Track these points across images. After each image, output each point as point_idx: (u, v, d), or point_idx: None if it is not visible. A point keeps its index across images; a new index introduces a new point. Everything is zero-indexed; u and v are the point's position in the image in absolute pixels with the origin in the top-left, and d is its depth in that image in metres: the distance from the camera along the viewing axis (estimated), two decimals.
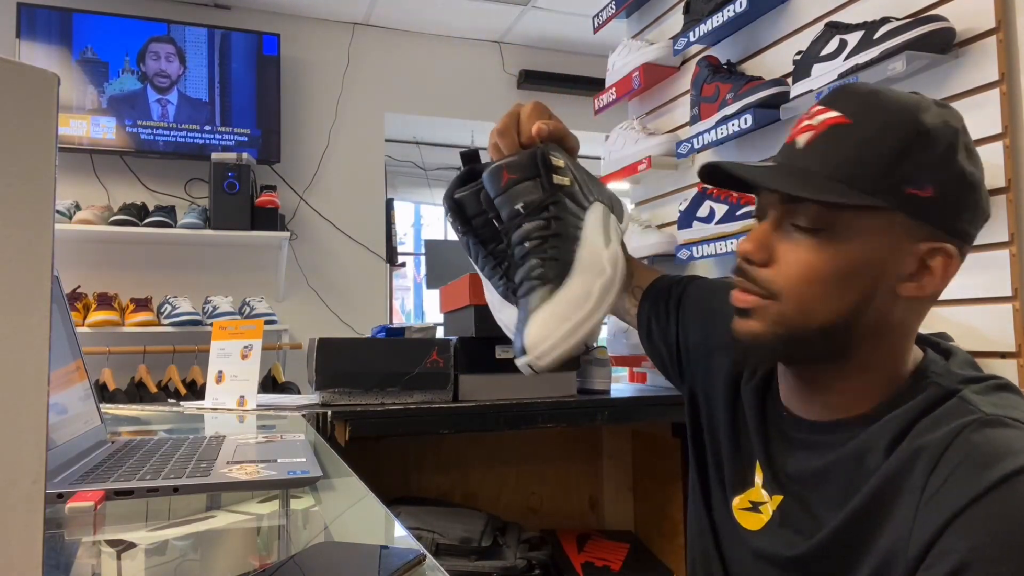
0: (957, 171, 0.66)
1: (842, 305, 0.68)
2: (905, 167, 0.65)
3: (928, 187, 0.65)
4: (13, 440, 0.32)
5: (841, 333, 0.68)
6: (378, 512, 0.70)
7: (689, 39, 1.86)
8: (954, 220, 0.67)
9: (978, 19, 1.25)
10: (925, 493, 0.60)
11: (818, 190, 0.66)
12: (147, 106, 3.43)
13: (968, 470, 0.58)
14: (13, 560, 0.32)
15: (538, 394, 1.55)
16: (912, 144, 0.65)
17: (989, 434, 0.60)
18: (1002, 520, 0.55)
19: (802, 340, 0.69)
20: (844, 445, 0.69)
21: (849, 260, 0.67)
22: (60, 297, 0.94)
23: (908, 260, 0.67)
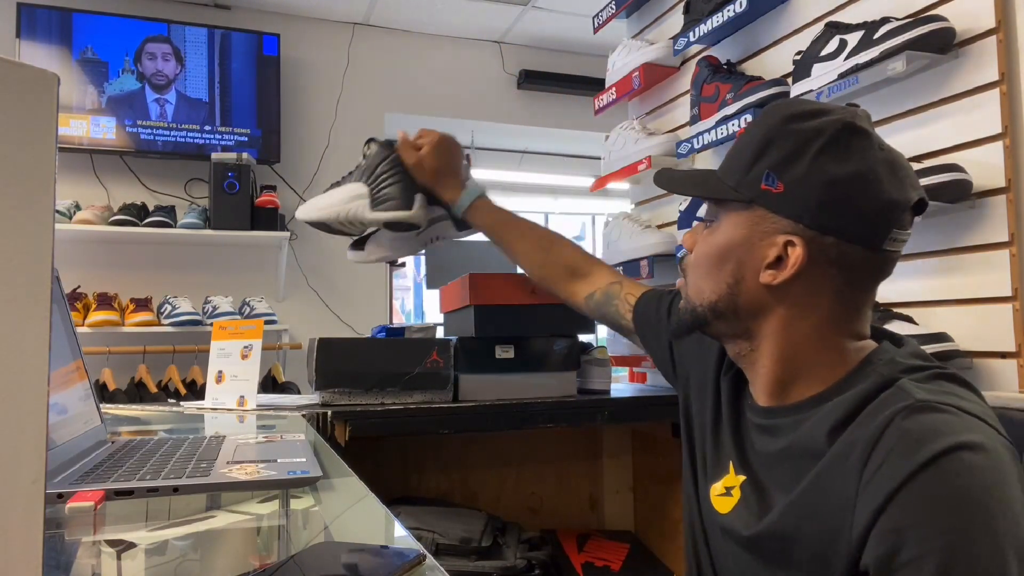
0: (809, 170, 0.73)
1: (718, 287, 0.80)
2: (760, 166, 0.75)
3: (780, 183, 0.74)
4: (13, 440, 0.32)
5: (727, 313, 0.80)
6: (378, 512, 0.70)
7: (689, 39, 1.86)
8: (809, 215, 0.73)
9: (978, 19, 1.25)
10: (863, 479, 0.64)
11: (694, 188, 0.85)
12: (145, 106, 3.43)
13: (899, 455, 0.62)
14: (13, 560, 0.32)
15: (538, 394, 1.55)
16: (768, 145, 0.75)
17: (919, 419, 0.64)
18: (932, 500, 0.60)
19: (701, 318, 0.82)
20: (795, 430, 0.75)
21: (718, 246, 0.79)
22: (60, 297, 0.94)
23: (770, 250, 0.75)
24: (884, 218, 0.73)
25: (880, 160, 0.73)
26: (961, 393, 0.69)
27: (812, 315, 0.76)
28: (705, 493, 0.87)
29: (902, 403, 0.66)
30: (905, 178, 0.74)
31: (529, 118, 4.37)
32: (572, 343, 1.60)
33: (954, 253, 1.29)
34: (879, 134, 0.76)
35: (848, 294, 0.76)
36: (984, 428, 0.64)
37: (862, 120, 0.75)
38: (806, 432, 0.73)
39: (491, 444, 1.89)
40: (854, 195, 0.72)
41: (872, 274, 0.76)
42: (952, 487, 0.60)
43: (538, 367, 1.56)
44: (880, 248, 0.74)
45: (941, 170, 1.22)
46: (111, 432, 1.09)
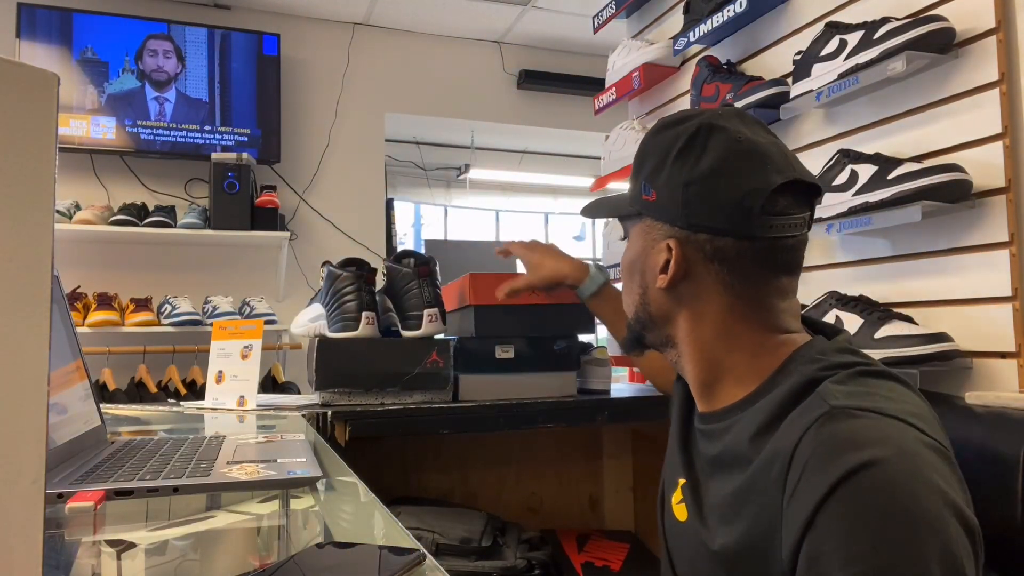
0: (670, 174, 0.77)
1: (633, 297, 0.85)
2: (639, 179, 0.81)
3: (652, 191, 0.79)
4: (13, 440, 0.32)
5: (646, 322, 0.84)
6: (378, 512, 0.70)
7: (689, 39, 1.86)
8: (679, 216, 0.76)
9: (978, 19, 1.25)
10: (785, 493, 0.64)
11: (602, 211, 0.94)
12: (145, 104, 3.43)
13: (814, 470, 0.61)
14: (13, 560, 0.32)
15: (538, 394, 1.55)
16: (643, 159, 0.81)
17: (834, 428, 0.63)
18: (850, 519, 0.58)
19: (632, 328, 0.87)
20: (725, 435, 0.76)
21: (627, 260, 0.85)
22: (60, 297, 0.94)
23: (660, 256, 0.79)
24: (747, 206, 0.73)
25: (736, 152, 0.74)
26: (884, 391, 0.67)
27: (709, 312, 0.78)
28: (669, 501, 0.88)
29: (818, 411, 0.65)
30: (766, 164, 0.74)
31: (529, 118, 4.37)
32: (572, 343, 1.60)
33: (954, 253, 1.29)
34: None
35: (739, 287, 0.76)
36: (904, 430, 0.63)
37: (722, 118, 0.76)
38: (733, 438, 0.74)
39: (491, 444, 1.89)
40: (712, 190, 0.74)
41: (759, 263, 0.75)
42: (869, 504, 0.58)
43: (538, 367, 1.56)
44: (756, 236, 0.74)
45: (941, 170, 1.22)
46: (111, 432, 1.09)
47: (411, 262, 1.50)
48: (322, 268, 1.55)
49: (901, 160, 1.30)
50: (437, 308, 1.47)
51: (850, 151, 1.38)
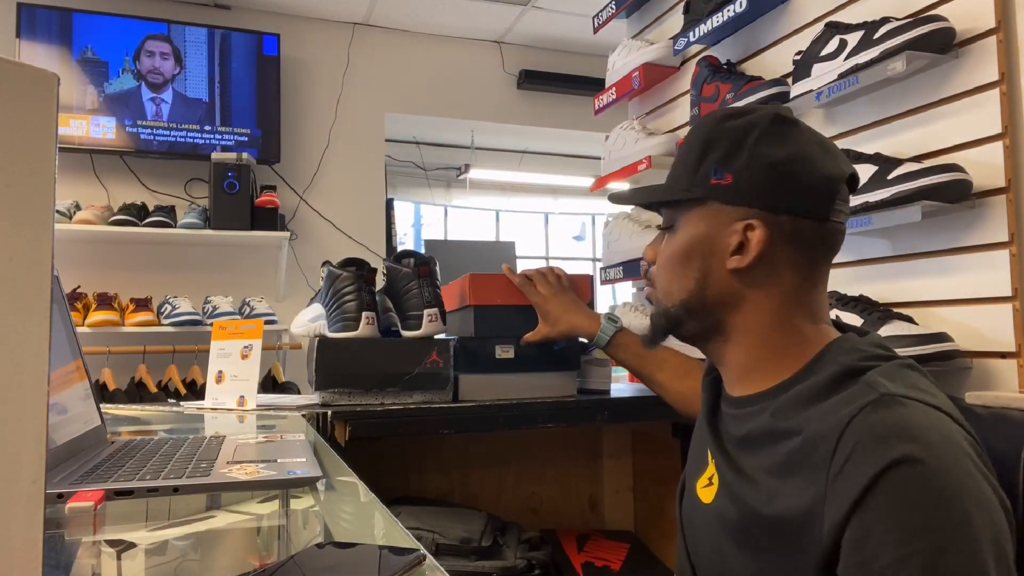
0: (751, 158, 0.79)
1: (687, 284, 0.84)
2: (705, 165, 0.81)
3: (727, 175, 0.80)
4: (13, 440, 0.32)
5: (698, 309, 0.84)
6: (378, 512, 0.70)
7: (689, 39, 1.86)
8: (760, 198, 0.79)
9: (978, 19, 1.25)
10: (831, 472, 0.66)
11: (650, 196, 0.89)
12: (141, 104, 3.43)
13: (864, 452, 0.64)
14: (13, 560, 0.32)
15: (538, 394, 1.55)
16: (708, 146, 0.82)
17: (884, 414, 0.65)
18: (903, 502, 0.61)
19: (674, 318, 0.86)
20: (756, 417, 0.79)
21: (681, 247, 0.84)
22: (60, 297, 0.94)
23: (731, 238, 0.80)
24: (826, 189, 0.79)
25: (811, 141, 0.82)
26: (924, 385, 0.71)
27: (776, 294, 0.81)
28: (692, 488, 0.90)
29: (868, 397, 0.67)
30: (837, 154, 0.83)
31: (529, 118, 4.37)
32: (572, 343, 1.60)
33: (954, 253, 1.29)
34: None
35: (806, 269, 0.81)
36: (948, 423, 0.66)
37: (788, 112, 0.85)
38: (768, 419, 0.77)
39: (491, 444, 1.89)
40: (795, 173, 0.79)
41: (825, 246, 0.81)
42: (921, 488, 0.61)
43: (538, 367, 1.56)
44: (828, 219, 0.80)
45: (941, 170, 1.22)
46: (111, 432, 1.09)
47: (411, 262, 1.50)
48: (322, 268, 1.55)
49: (901, 160, 1.30)
50: (437, 308, 1.47)
51: (850, 151, 1.38)
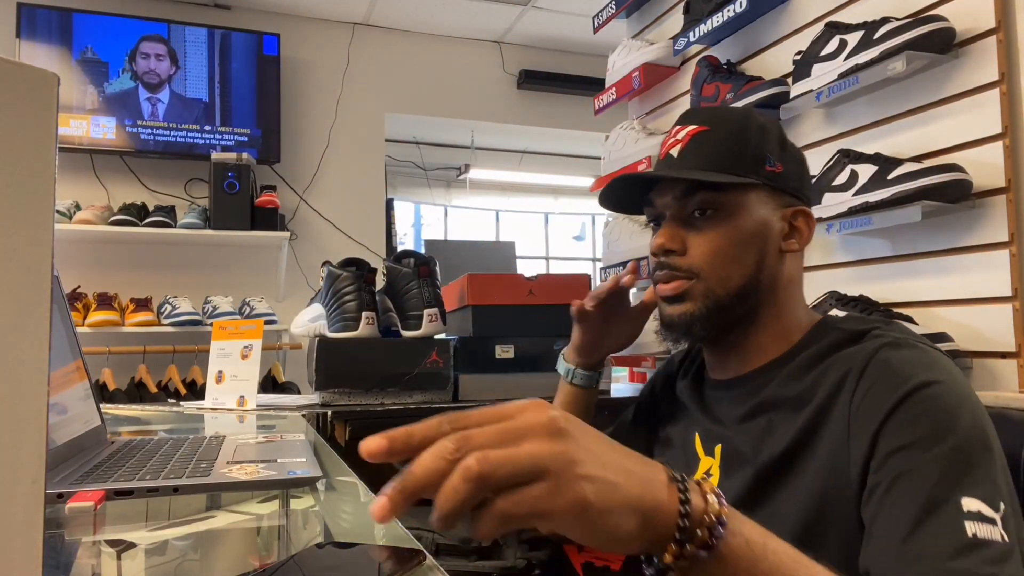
0: (791, 151, 0.85)
1: (746, 269, 0.83)
2: (760, 151, 0.83)
3: (778, 164, 0.83)
4: (13, 440, 0.32)
5: (751, 293, 0.83)
6: None
7: (689, 39, 1.86)
8: (801, 186, 0.86)
9: (978, 19, 1.25)
10: (852, 405, 0.71)
11: (711, 176, 0.83)
12: (138, 104, 3.43)
13: (886, 383, 0.69)
14: (13, 560, 0.32)
15: (538, 394, 1.54)
16: (758, 135, 0.83)
17: (901, 353, 0.72)
18: (922, 417, 0.66)
19: (726, 307, 0.83)
20: (761, 390, 0.81)
21: (742, 231, 0.82)
22: (60, 297, 0.94)
23: (780, 223, 0.84)
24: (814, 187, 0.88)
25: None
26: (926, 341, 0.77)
27: (798, 277, 0.87)
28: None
29: (883, 340, 0.73)
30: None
31: (529, 118, 4.37)
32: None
33: (954, 253, 1.29)
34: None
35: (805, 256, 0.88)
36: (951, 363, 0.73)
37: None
38: (776, 387, 0.79)
39: None
40: (808, 171, 0.88)
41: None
42: (939, 407, 0.66)
43: (538, 367, 1.56)
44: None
45: (941, 170, 1.22)
46: (111, 432, 1.09)
47: (411, 262, 1.50)
48: (322, 268, 1.55)
49: (901, 160, 1.30)
50: (437, 308, 1.47)
51: (850, 151, 1.38)
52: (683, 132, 0.85)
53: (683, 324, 0.84)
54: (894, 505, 0.63)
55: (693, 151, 0.84)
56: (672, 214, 0.85)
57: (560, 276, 1.69)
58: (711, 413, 0.88)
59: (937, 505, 0.60)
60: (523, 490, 0.39)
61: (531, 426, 0.41)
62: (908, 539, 0.60)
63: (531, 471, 0.40)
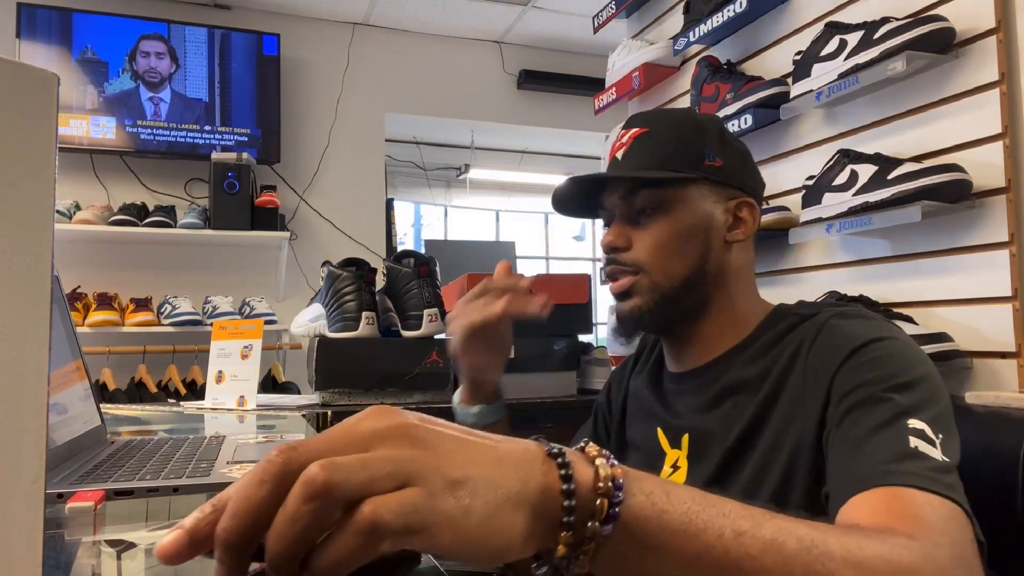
0: (732, 146, 0.88)
1: (690, 260, 0.85)
2: (699, 148, 0.86)
3: (718, 159, 0.86)
4: (13, 440, 0.32)
5: (698, 284, 0.85)
6: None
7: (689, 39, 1.86)
8: (743, 179, 0.88)
9: (978, 19, 1.25)
10: (808, 368, 0.75)
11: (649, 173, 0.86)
12: (140, 104, 3.43)
13: (838, 342, 0.74)
14: (13, 560, 0.32)
15: (538, 394, 1.55)
16: (697, 132, 0.87)
17: (851, 321, 0.76)
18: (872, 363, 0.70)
19: (673, 298, 0.85)
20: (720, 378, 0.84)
21: (684, 224, 0.85)
22: (60, 297, 0.94)
23: (724, 215, 0.86)
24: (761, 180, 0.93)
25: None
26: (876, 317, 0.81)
27: (747, 267, 0.89)
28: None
29: (830, 314, 0.78)
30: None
31: (529, 118, 4.37)
32: (572, 343, 1.60)
33: (954, 253, 1.29)
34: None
35: (754, 248, 0.91)
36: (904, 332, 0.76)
37: None
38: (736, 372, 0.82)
39: None
40: (754, 165, 0.92)
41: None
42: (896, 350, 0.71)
43: (538, 367, 1.56)
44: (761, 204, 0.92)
45: (941, 170, 1.22)
46: (111, 432, 1.09)
47: (411, 262, 1.50)
48: (322, 268, 1.55)
49: (901, 160, 1.30)
50: (437, 308, 1.47)
51: (850, 151, 1.38)
52: (627, 136, 0.89)
53: (632, 319, 0.87)
54: (847, 431, 0.67)
55: (636, 152, 0.87)
56: (620, 213, 0.88)
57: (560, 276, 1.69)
58: (671, 407, 0.90)
59: (886, 424, 0.64)
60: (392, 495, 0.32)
61: (378, 431, 0.35)
62: (856, 452, 0.64)
63: (393, 477, 0.32)
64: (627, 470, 0.40)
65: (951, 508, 0.58)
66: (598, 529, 0.37)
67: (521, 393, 1.53)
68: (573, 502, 0.37)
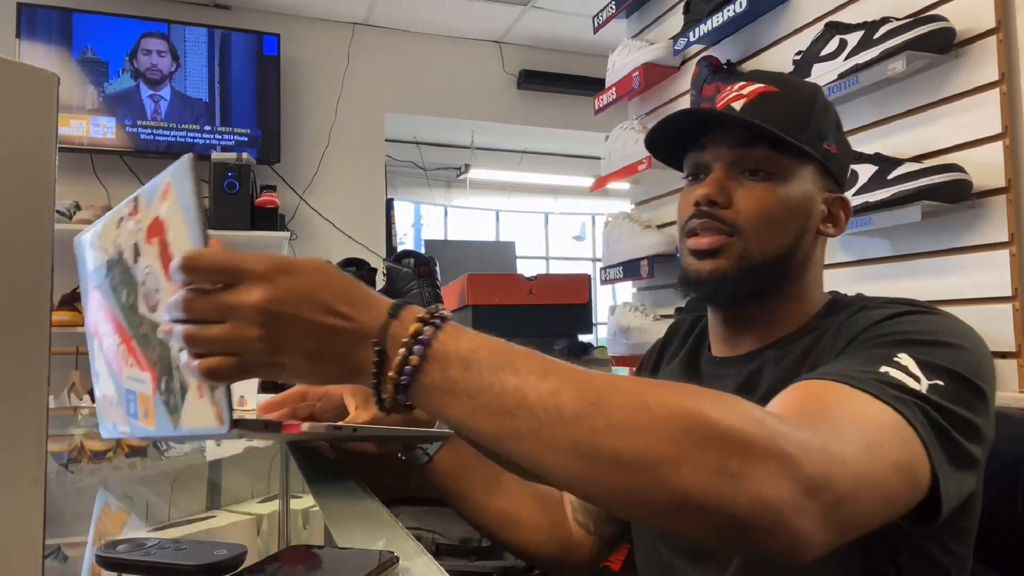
0: (844, 138, 0.82)
1: (786, 239, 0.78)
2: (822, 127, 0.79)
3: (834, 145, 0.80)
4: (13, 440, 0.32)
5: (783, 265, 0.78)
6: (378, 512, 0.70)
7: (689, 39, 1.86)
8: (844, 175, 0.82)
9: (978, 19, 1.25)
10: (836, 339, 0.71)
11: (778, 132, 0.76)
12: (140, 103, 3.43)
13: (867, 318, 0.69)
14: (14, 560, 0.32)
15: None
16: (823, 111, 0.80)
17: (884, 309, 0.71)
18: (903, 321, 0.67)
19: (758, 273, 0.77)
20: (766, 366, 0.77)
21: (792, 199, 0.78)
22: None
23: (822, 206, 0.80)
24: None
25: None
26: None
27: (823, 261, 0.84)
28: None
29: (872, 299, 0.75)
30: None
31: (529, 118, 4.37)
32: (572, 343, 1.60)
33: (954, 253, 1.29)
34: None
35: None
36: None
37: None
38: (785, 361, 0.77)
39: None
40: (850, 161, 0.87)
41: None
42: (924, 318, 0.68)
43: None
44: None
45: (941, 170, 1.22)
46: None
47: (411, 262, 1.51)
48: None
49: (901, 160, 1.30)
50: None
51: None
52: (749, 88, 0.80)
53: (713, 281, 0.77)
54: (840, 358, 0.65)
55: (758, 108, 0.78)
56: (724, 165, 0.78)
57: (560, 276, 1.69)
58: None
59: (875, 356, 0.60)
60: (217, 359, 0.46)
61: (239, 306, 0.46)
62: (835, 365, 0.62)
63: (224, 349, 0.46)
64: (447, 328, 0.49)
65: (891, 416, 0.53)
66: (397, 378, 0.48)
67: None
68: (381, 370, 0.49)
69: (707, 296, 0.81)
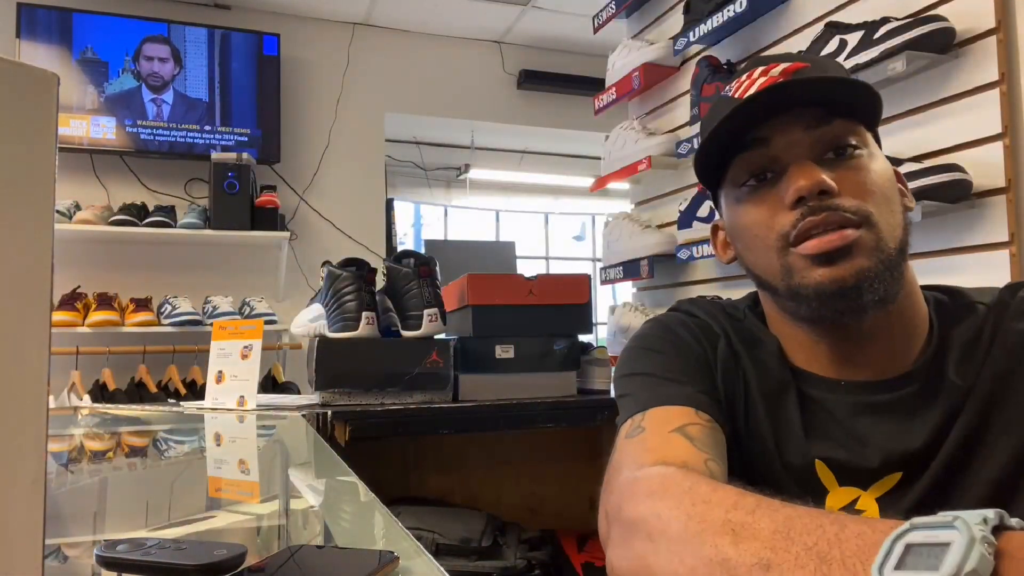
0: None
1: (901, 220, 0.65)
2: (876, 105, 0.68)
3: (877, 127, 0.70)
4: (13, 440, 0.32)
5: (904, 254, 0.65)
6: (378, 512, 0.70)
7: (689, 39, 1.86)
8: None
9: (978, 19, 1.25)
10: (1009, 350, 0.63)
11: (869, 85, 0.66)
12: (142, 105, 3.43)
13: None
14: (14, 560, 0.32)
15: (538, 394, 1.55)
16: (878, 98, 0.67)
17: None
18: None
19: (894, 265, 0.63)
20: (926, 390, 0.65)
21: (888, 173, 0.66)
22: None
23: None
24: None
25: None
26: None
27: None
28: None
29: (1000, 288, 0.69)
30: None
31: (529, 118, 4.37)
32: (572, 343, 1.60)
33: (954, 253, 1.29)
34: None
35: None
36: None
37: None
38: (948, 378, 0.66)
39: (491, 444, 1.89)
40: None
41: None
42: None
43: (538, 367, 1.56)
44: None
45: (941, 170, 1.22)
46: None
47: (411, 262, 1.51)
48: (322, 268, 1.56)
49: (901, 160, 1.30)
50: (437, 308, 1.47)
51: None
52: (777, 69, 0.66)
53: (859, 286, 0.62)
54: None
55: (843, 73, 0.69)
56: (803, 152, 0.64)
57: (560, 276, 1.69)
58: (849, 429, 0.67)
59: None
60: None
61: None
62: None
63: None
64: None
65: None
66: None
67: (521, 393, 1.53)
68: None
69: (854, 308, 0.63)
